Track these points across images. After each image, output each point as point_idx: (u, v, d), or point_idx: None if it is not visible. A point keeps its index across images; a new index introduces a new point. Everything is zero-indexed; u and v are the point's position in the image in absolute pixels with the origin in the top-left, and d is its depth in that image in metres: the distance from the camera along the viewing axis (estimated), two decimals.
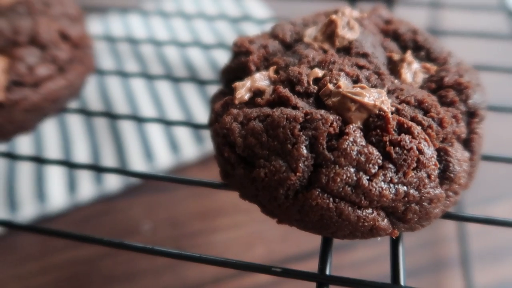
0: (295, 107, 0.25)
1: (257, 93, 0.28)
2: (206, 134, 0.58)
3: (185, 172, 0.57)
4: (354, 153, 0.22)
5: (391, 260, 0.25)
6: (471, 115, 0.26)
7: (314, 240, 0.49)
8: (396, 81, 0.27)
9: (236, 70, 0.30)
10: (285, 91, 0.26)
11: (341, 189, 0.22)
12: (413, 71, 0.27)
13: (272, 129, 0.25)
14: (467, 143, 0.25)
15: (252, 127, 0.25)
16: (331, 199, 0.23)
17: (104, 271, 0.48)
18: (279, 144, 0.24)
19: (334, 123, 0.23)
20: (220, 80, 0.33)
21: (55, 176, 0.55)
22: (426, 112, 0.24)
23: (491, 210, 0.50)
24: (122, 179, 0.55)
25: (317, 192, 0.23)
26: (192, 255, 0.28)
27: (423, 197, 0.23)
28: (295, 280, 0.44)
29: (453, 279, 0.44)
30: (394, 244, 0.26)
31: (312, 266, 0.47)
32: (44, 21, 0.35)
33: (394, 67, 0.28)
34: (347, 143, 0.23)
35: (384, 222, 0.23)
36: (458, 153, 0.24)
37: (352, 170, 0.22)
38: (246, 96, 0.28)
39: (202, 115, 0.60)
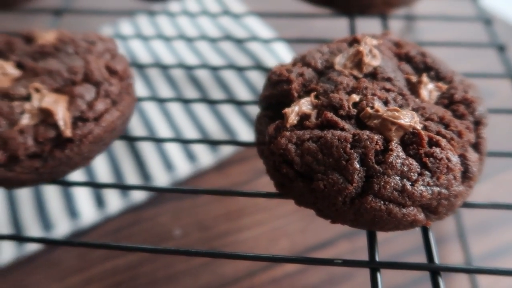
0: (342, 129, 0.31)
1: (303, 116, 0.33)
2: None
3: (203, 178, 0.62)
4: (399, 165, 0.29)
5: (425, 244, 0.32)
6: (477, 123, 0.33)
7: (330, 230, 0.56)
8: (417, 100, 0.33)
9: (278, 96, 0.36)
10: (333, 116, 0.31)
11: (390, 194, 0.28)
12: (429, 90, 0.33)
13: (326, 148, 0.30)
14: (476, 147, 0.32)
15: (307, 147, 0.31)
16: (382, 202, 0.29)
17: (145, 277, 0.52)
18: (334, 161, 0.30)
19: (379, 141, 0.29)
20: (260, 104, 0.38)
21: (83, 193, 0.58)
22: (446, 126, 0.31)
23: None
24: (149, 190, 0.59)
25: (371, 198, 0.29)
26: (267, 256, 0.33)
27: (451, 194, 0.29)
28: (319, 267, 0.50)
29: (453, 251, 0.52)
30: (425, 232, 0.32)
31: (332, 252, 0.54)
32: (93, 59, 0.39)
33: (413, 88, 0.34)
34: (392, 157, 0.29)
35: (421, 216, 0.30)
36: (472, 156, 0.31)
37: (397, 178, 0.29)
38: (295, 120, 0.33)
39: (211, 126, 0.65)
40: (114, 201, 0.58)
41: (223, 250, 0.54)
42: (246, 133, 0.63)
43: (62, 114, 0.35)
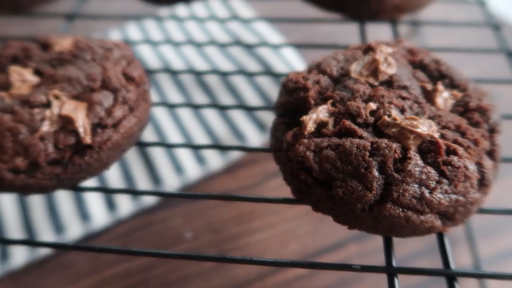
0: (361, 137, 0.31)
1: (321, 124, 0.34)
2: (228, 144, 0.63)
3: (213, 181, 0.62)
4: (417, 173, 0.29)
5: (440, 250, 0.33)
6: (491, 131, 0.33)
7: (339, 233, 0.57)
8: (432, 108, 0.33)
9: (295, 103, 0.36)
10: (351, 124, 0.32)
11: (409, 201, 0.29)
12: (444, 98, 0.34)
13: (345, 156, 0.31)
14: (491, 154, 0.33)
15: (326, 155, 0.31)
16: (400, 209, 0.29)
17: (157, 280, 0.53)
18: (353, 168, 0.30)
19: (397, 149, 0.30)
20: (276, 110, 0.38)
21: (94, 197, 0.59)
22: (463, 134, 0.31)
23: None
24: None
25: (389, 205, 0.29)
26: (287, 261, 0.33)
27: (467, 201, 0.30)
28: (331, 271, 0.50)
29: (462, 254, 0.53)
30: (441, 238, 0.33)
31: (341, 255, 0.55)
32: (110, 66, 0.39)
33: (429, 96, 0.35)
34: (411, 165, 0.29)
35: (438, 222, 0.30)
36: (488, 164, 0.31)
37: (416, 186, 0.29)
38: (313, 128, 0.34)
39: (220, 129, 0.65)
40: (125, 204, 0.58)
41: (234, 252, 0.55)
42: (255, 137, 0.64)
43: (82, 121, 0.36)
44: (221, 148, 0.43)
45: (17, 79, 0.38)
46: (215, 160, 0.62)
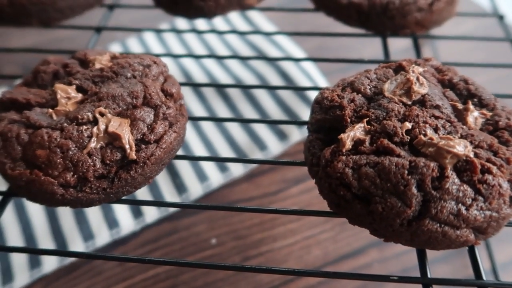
0: (398, 156, 0.33)
1: (357, 142, 0.36)
2: (250, 153, 0.65)
3: (235, 188, 0.64)
4: (454, 190, 0.31)
5: (472, 261, 0.34)
6: None
7: (359, 239, 0.59)
8: (464, 127, 0.35)
9: (331, 121, 0.38)
10: (389, 143, 0.34)
11: (446, 217, 0.31)
12: (474, 117, 0.36)
13: (384, 174, 0.33)
14: None
15: (365, 172, 0.33)
16: (438, 225, 0.31)
17: (185, 285, 0.55)
18: (392, 185, 0.32)
19: (435, 168, 0.32)
20: (310, 126, 0.40)
21: (121, 204, 0.60)
22: (495, 153, 0.33)
23: None
24: (184, 200, 0.61)
25: (428, 221, 0.31)
26: (321, 272, 0.35)
27: (500, 217, 0.32)
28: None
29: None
30: (472, 250, 0.35)
31: (362, 261, 0.57)
32: (150, 83, 0.41)
33: (459, 115, 0.36)
34: (448, 183, 0.31)
35: (472, 236, 0.32)
36: None
37: (453, 203, 0.31)
38: (350, 145, 0.35)
39: (241, 137, 0.67)
40: (151, 211, 0.60)
41: (258, 259, 0.57)
42: (276, 145, 0.66)
43: (128, 137, 0.37)
44: (250, 162, 0.45)
45: (63, 96, 0.40)
46: (237, 168, 0.64)
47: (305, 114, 0.68)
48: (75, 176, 0.36)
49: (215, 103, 0.71)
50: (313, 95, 0.69)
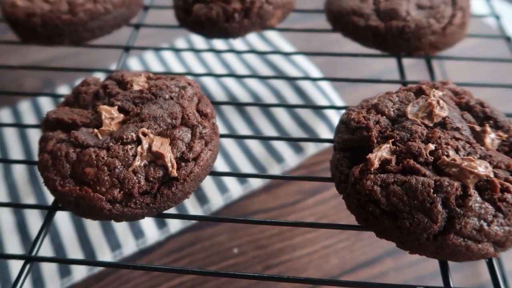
0: (424, 175, 0.36)
1: (384, 161, 0.39)
2: (267, 165, 0.68)
3: (253, 199, 0.67)
4: (477, 208, 0.34)
5: (490, 273, 0.37)
6: None
7: (375, 248, 0.62)
8: (482, 148, 0.38)
9: (358, 141, 0.41)
10: (414, 164, 0.37)
11: (469, 232, 0.34)
12: (492, 138, 0.39)
13: (411, 192, 0.36)
14: None
15: (393, 190, 0.36)
16: (462, 239, 0.34)
17: None
18: (419, 203, 0.35)
19: (458, 187, 0.35)
20: (337, 145, 0.43)
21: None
22: None
23: None
24: (205, 211, 0.64)
25: (452, 235, 0.34)
26: (359, 282, 0.38)
27: None
28: (376, 279, 0.55)
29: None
30: (490, 262, 0.38)
31: (378, 269, 0.59)
32: (187, 104, 0.44)
33: (477, 136, 0.40)
34: (471, 201, 0.34)
35: (492, 249, 0.35)
36: None
37: (476, 219, 0.34)
38: (377, 164, 0.38)
39: (257, 150, 0.70)
40: (174, 222, 0.63)
41: (279, 267, 0.60)
42: (292, 158, 0.69)
43: (170, 156, 0.40)
44: (288, 178, 0.47)
45: (107, 117, 0.42)
46: (255, 180, 0.67)
47: (319, 128, 0.72)
48: (121, 192, 0.39)
49: (233, 117, 0.74)
50: (327, 110, 0.73)
